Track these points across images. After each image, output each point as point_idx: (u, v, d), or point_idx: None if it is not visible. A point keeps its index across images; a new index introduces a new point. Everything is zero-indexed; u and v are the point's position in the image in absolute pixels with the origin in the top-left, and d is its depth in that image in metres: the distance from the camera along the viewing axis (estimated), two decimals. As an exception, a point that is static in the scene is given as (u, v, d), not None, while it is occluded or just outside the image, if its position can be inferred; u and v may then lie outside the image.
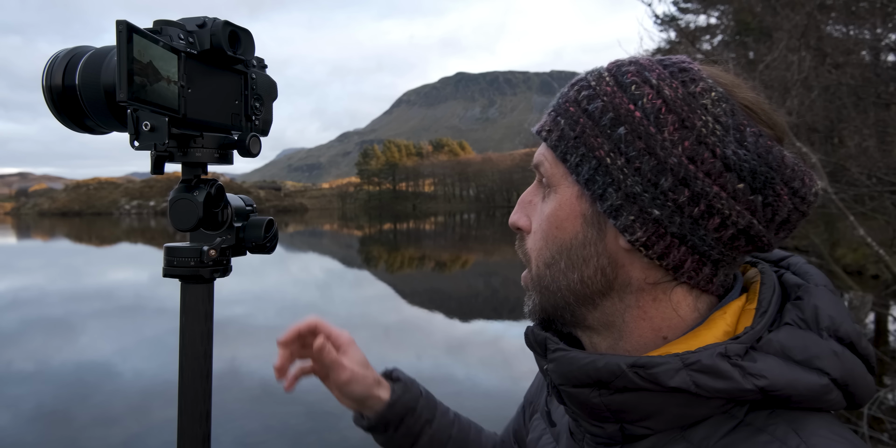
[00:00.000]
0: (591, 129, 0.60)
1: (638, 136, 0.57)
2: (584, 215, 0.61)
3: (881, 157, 6.91)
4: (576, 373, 0.59)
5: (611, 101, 0.59)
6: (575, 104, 0.62)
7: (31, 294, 15.98)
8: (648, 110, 0.58)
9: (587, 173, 0.60)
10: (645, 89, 0.59)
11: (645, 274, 0.61)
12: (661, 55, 0.69)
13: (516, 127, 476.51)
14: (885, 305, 7.47)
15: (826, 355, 0.55)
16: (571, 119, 0.61)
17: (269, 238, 0.79)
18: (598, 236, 0.61)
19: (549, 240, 0.64)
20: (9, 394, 7.47)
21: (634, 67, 0.61)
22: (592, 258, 0.61)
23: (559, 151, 0.62)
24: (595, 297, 0.63)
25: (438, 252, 31.03)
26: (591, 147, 0.59)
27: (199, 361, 0.73)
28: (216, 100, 0.72)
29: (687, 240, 0.58)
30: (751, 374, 0.53)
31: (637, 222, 0.58)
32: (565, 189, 0.63)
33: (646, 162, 0.57)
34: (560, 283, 0.64)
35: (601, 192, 0.59)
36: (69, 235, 47.99)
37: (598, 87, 0.61)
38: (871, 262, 12.40)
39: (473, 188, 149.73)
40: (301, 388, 0.97)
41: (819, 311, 0.57)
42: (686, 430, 0.57)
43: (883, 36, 8.94)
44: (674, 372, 0.54)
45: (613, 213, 0.59)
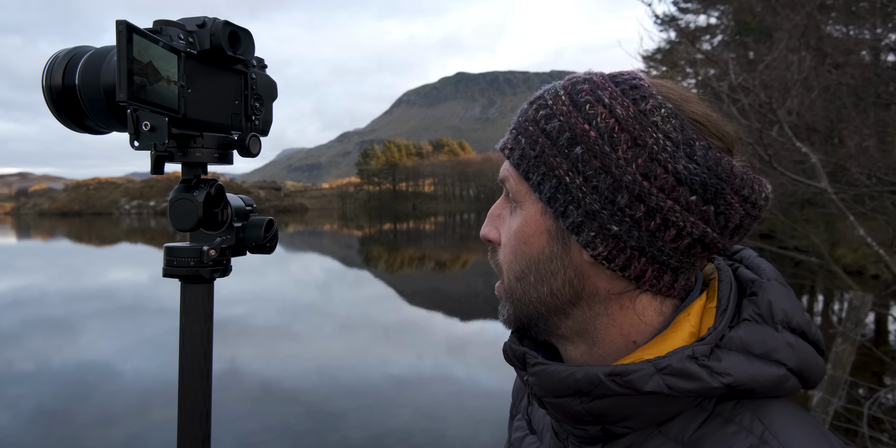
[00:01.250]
0: (550, 149, 0.62)
1: (594, 156, 0.60)
2: (549, 231, 0.65)
3: (881, 157, 6.91)
4: (556, 385, 0.62)
5: (567, 121, 0.62)
6: (534, 123, 0.65)
7: (32, 294, 15.98)
8: (602, 130, 0.60)
9: (549, 191, 0.63)
10: (598, 108, 0.61)
11: (610, 284, 0.64)
12: (662, 54, 0.69)
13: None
14: (885, 305, 7.47)
15: (782, 347, 0.59)
16: (531, 138, 0.64)
17: (269, 238, 0.79)
18: (564, 250, 0.64)
19: (517, 254, 0.67)
20: (9, 394, 7.47)
21: (588, 86, 0.64)
22: (560, 271, 0.65)
23: (521, 169, 0.65)
24: (565, 307, 0.66)
25: (438, 252, 31.03)
26: (551, 166, 0.62)
27: (199, 361, 0.73)
28: (216, 100, 0.72)
29: (646, 251, 0.61)
30: (717, 373, 0.57)
31: (598, 238, 0.61)
32: (530, 205, 0.65)
33: (602, 180, 0.60)
34: (531, 296, 0.67)
35: (563, 209, 0.62)
36: (69, 235, 47.98)
37: (555, 107, 0.64)
38: (871, 262, 12.39)
39: (473, 188, 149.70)
40: (301, 388, 0.97)
41: (773, 306, 0.62)
42: (662, 426, 0.61)
43: (883, 36, 8.94)
44: (648, 377, 0.58)
45: (575, 229, 0.62)
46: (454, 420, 6.44)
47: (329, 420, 6.36)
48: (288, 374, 8.12)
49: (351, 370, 8.35)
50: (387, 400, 7.02)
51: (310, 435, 6.00)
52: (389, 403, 6.90)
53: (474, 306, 14.51)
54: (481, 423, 6.23)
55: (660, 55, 20.37)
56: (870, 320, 9.37)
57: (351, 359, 9.12)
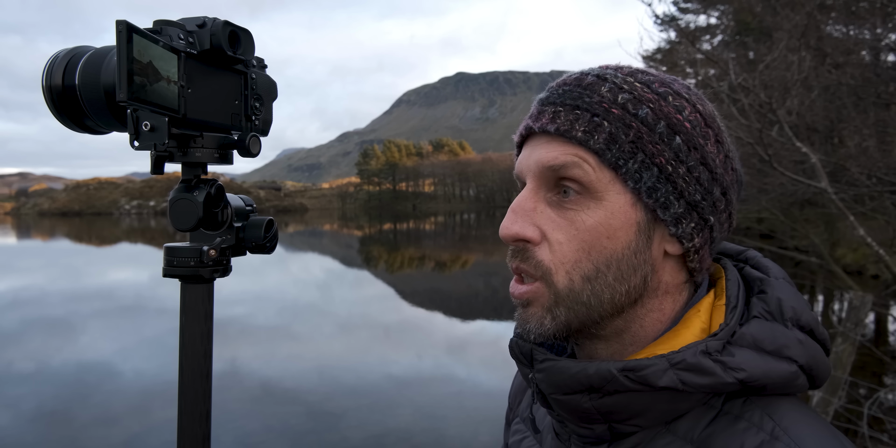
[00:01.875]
0: (649, 136, 0.58)
1: (693, 147, 0.59)
2: (639, 223, 0.60)
3: (881, 157, 6.91)
4: (567, 381, 0.60)
5: (659, 109, 0.59)
6: (618, 107, 0.59)
7: (32, 294, 15.98)
8: (693, 122, 0.60)
9: (649, 180, 0.59)
10: (682, 102, 0.60)
11: (673, 277, 0.63)
12: (662, 54, 0.70)
13: (516, 127, 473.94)
14: (885, 305, 7.47)
15: (793, 344, 0.59)
16: (621, 122, 0.59)
17: (269, 238, 0.79)
18: (647, 244, 0.61)
19: (593, 251, 0.60)
20: (9, 394, 7.47)
21: (653, 77, 0.62)
22: (640, 267, 0.61)
23: (609, 156, 0.58)
24: (626, 306, 0.62)
25: (438, 252, 31.04)
26: (651, 154, 0.58)
27: (199, 361, 0.73)
28: (216, 100, 0.72)
29: (715, 243, 0.63)
30: (731, 368, 0.56)
31: (696, 229, 0.61)
32: (615, 196, 0.59)
33: (702, 172, 0.60)
34: (603, 297, 0.61)
35: (664, 199, 0.59)
36: (69, 235, 47.99)
37: (636, 92, 0.60)
38: (871, 262, 12.40)
39: (473, 188, 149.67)
40: (302, 388, 0.97)
41: (782, 303, 0.61)
42: (670, 424, 0.60)
43: (883, 36, 8.94)
44: (662, 372, 0.56)
45: (675, 220, 0.60)
46: (454, 420, 6.44)
47: (329, 420, 6.36)
48: (288, 374, 8.12)
49: (351, 370, 8.35)
50: (387, 400, 7.02)
51: (310, 435, 6.00)
52: (389, 403, 6.90)
53: (474, 306, 14.51)
54: (481, 423, 6.23)
55: (660, 55, 20.35)
56: (870, 320, 9.37)
57: (351, 359, 9.12)
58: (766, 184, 7.29)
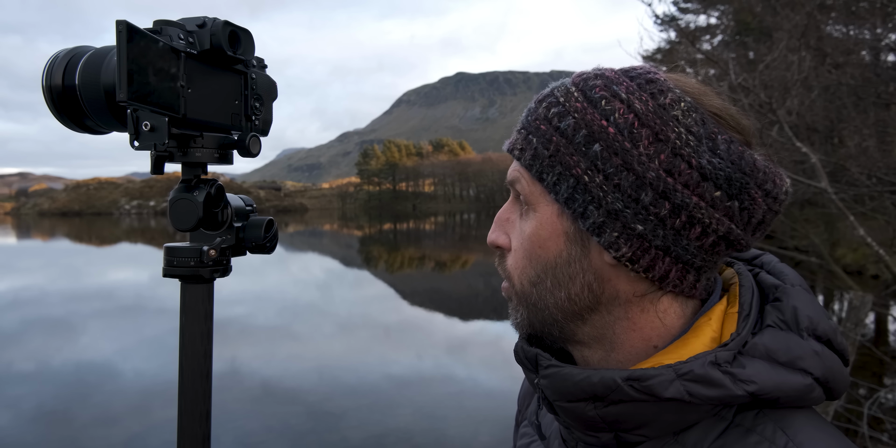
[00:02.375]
0: (566, 147, 0.60)
1: (614, 153, 0.57)
2: (567, 233, 0.61)
3: (881, 157, 6.91)
4: (570, 388, 0.60)
5: (582, 118, 0.59)
6: (546, 122, 0.62)
7: (32, 294, 15.98)
8: (621, 125, 0.58)
9: (566, 192, 0.60)
10: (615, 104, 0.59)
11: (632, 286, 0.62)
12: (662, 54, 0.70)
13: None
14: (885, 305, 7.47)
15: (808, 355, 0.57)
16: (544, 137, 0.61)
17: (269, 238, 0.79)
18: (583, 253, 0.61)
19: (532, 259, 0.64)
20: (9, 394, 7.47)
21: (601, 81, 0.61)
22: (578, 275, 0.62)
23: (534, 170, 0.62)
24: (583, 312, 0.63)
25: (438, 252, 31.03)
26: (567, 165, 0.59)
27: (199, 361, 0.73)
28: (216, 100, 0.72)
29: (671, 251, 0.58)
30: (741, 381, 0.55)
31: (621, 238, 0.58)
32: (544, 207, 0.62)
33: (624, 178, 0.57)
34: (547, 301, 0.64)
35: (582, 210, 0.59)
36: (69, 235, 48.00)
37: (568, 104, 0.61)
38: (871, 262, 12.40)
39: (473, 188, 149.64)
40: (302, 388, 0.97)
41: (798, 312, 0.59)
42: (678, 435, 0.58)
43: (883, 36, 8.94)
44: (668, 383, 0.55)
45: (596, 230, 0.59)
46: (454, 420, 6.44)
47: (329, 420, 6.36)
48: (288, 374, 8.12)
49: (351, 370, 8.35)
50: (387, 400, 7.02)
51: (310, 435, 6.00)
52: (390, 403, 6.90)
53: (474, 306, 14.51)
54: (482, 423, 6.23)
55: (660, 55, 20.35)
56: (870, 320, 9.37)
57: (351, 359, 9.12)
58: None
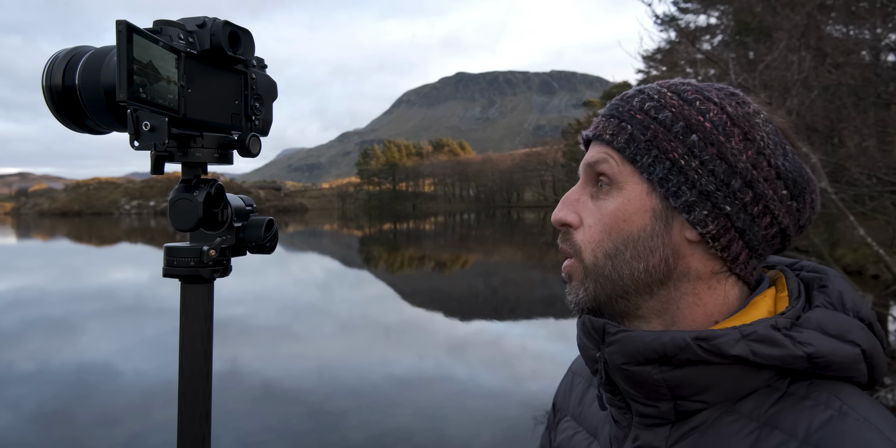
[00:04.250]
0: (664, 134, 0.67)
1: (710, 143, 0.66)
2: (654, 210, 0.68)
3: (881, 157, 6.91)
4: (641, 350, 0.64)
5: (680, 112, 0.67)
6: (641, 112, 0.69)
7: (32, 294, 15.98)
8: (716, 122, 0.66)
9: (661, 172, 0.67)
10: (709, 105, 0.67)
11: (703, 264, 0.68)
12: (662, 54, 0.74)
13: (516, 127, 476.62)
14: (885, 305, 7.46)
15: (856, 329, 0.63)
16: (641, 125, 0.68)
17: (269, 238, 0.79)
18: (665, 229, 0.68)
19: (612, 232, 0.69)
20: (10, 394, 7.47)
21: (691, 87, 0.70)
22: (658, 249, 0.68)
23: (628, 152, 0.68)
24: (654, 285, 0.69)
25: (438, 252, 31.03)
26: (665, 150, 0.67)
27: (198, 361, 0.73)
28: (216, 100, 0.72)
29: (745, 235, 0.66)
30: (800, 342, 0.60)
31: (709, 217, 0.66)
32: (633, 186, 0.69)
33: (718, 165, 0.65)
34: (622, 272, 0.69)
35: (675, 189, 0.66)
36: (69, 235, 48.00)
37: (664, 100, 0.69)
38: (871, 262, 12.39)
39: (473, 188, 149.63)
40: (302, 388, 0.97)
41: (844, 295, 0.66)
42: (736, 404, 0.63)
43: (883, 36, 8.94)
44: (734, 342, 0.60)
45: (687, 208, 0.66)
46: (455, 420, 6.44)
47: (330, 420, 6.36)
48: (288, 375, 8.12)
49: (351, 370, 8.35)
50: (387, 400, 7.02)
51: (310, 435, 6.00)
52: (390, 403, 6.89)
53: (474, 306, 14.51)
54: (482, 423, 6.23)
55: (660, 55, 20.35)
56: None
57: (351, 359, 9.12)
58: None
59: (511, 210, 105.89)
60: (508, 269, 22.85)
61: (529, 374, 8.21)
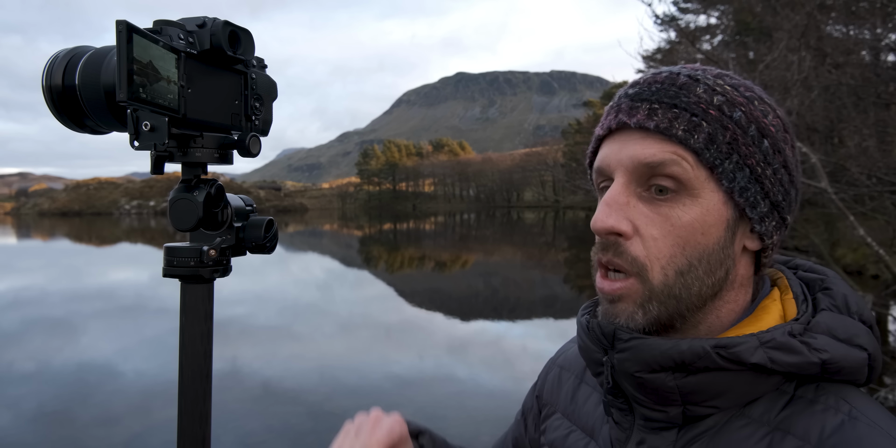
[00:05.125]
0: (743, 138, 0.61)
1: (778, 150, 0.63)
2: (728, 221, 0.63)
3: (881, 157, 6.91)
4: (657, 358, 0.61)
5: (750, 112, 0.62)
6: (715, 108, 0.61)
7: (32, 294, 15.98)
8: (777, 127, 0.63)
9: (742, 181, 0.61)
10: (766, 106, 0.64)
11: (746, 271, 0.67)
12: (662, 54, 0.72)
13: (516, 127, 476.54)
14: (885, 305, 7.47)
15: (863, 333, 0.62)
16: (719, 124, 0.61)
17: (269, 238, 0.79)
18: (731, 240, 0.64)
19: (687, 246, 0.62)
20: (10, 394, 7.47)
21: (737, 81, 0.65)
22: (725, 261, 0.64)
23: (707, 155, 0.60)
24: (709, 299, 0.65)
25: (438, 252, 31.03)
26: (745, 155, 0.61)
27: (199, 361, 0.73)
28: (216, 100, 0.72)
29: (782, 241, 0.67)
30: (815, 349, 0.60)
31: (776, 228, 0.65)
32: (710, 194, 0.61)
33: (783, 174, 0.63)
34: (692, 290, 0.63)
35: (754, 199, 0.62)
36: (69, 235, 47.99)
37: (728, 95, 0.62)
38: (871, 262, 12.39)
39: (473, 188, 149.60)
40: (302, 388, 0.97)
41: (848, 298, 0.65)
42: (744, 407, 0.62)
43: (883, 36, 8.94)
44: (753, 350, 0.59)
45: (760, 219, 0.63)
46: (455, 420, 6.44)
47: (330, 420, 6.36)
48: (289, 374, 8.12)
49: (352, 370, 8.35)
50: (388, 400, 7.02)
51: (310, 435, 6.00)
52: (390, 403, 6.89)
53: (474, 306, 14.50)
54: (482, 423, 6.23)
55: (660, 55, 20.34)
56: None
57: (352, 359, 9.12)
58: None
59: (511, 210, 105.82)
60: (508, 269, 22.85)
61: (530, 374, 8.20)
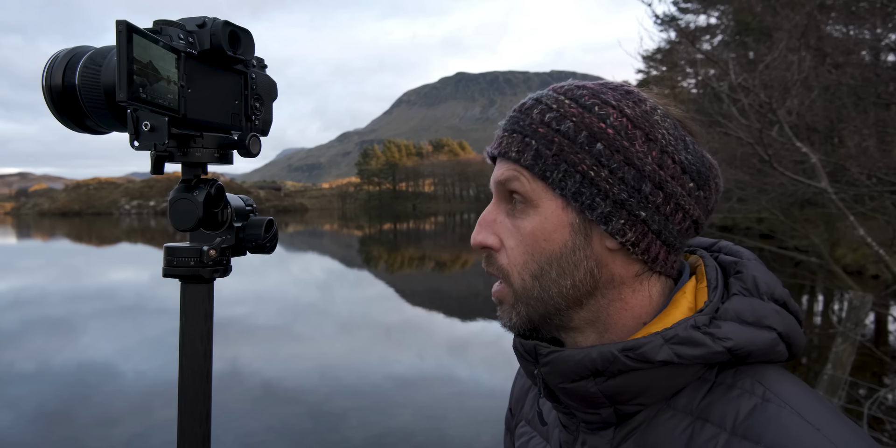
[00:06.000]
0: (569, 147, 0.66)
1: (616, 150, 0.65)
2: (572, 224, 0.67)
3: (881, 157, 6.90)
4: (573, 368, 0.65)
5: (581, 121, 0.66)
6: (543, 125, 0.67)
7: (32, 294, 15.98)
8: (618, 127, 0.65)
9: (573, 186, 0.65)
10: (608, 109, 0.66)
11: (626, 269, 0.68)
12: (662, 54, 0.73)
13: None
14: (885, 305, 7.47)
15: (770, 314, 0.65)
16: (545, 139, 0.66)
17: (269, 238, 0.79)
18: (586, 241, 0.67)
19: (535, 252, 0.68)
20: (10, 394, 7.47)
21: (587, 91, 0.68)
22: (582, 262, 0.67)
23: (537, 169, 0.67)
24: (583, 298, 0.69)
25: (438, 252, 31.02)
26: (573, 163, 0.65)
27: (198, 361, 0.73)
28: (216, 100, 0.72)
29: (662, 234, 0.67)
30: (719, 338, 0.62)
31: (626, 225, 0.65)
32: (548, 202, 0.67)
33: (627, 171, 0.65)
34: (551, 292, 0.68)
35: (590, 202, 0.65)
36: (69, 235, 47.98)
37: (563, 109, 0.67)
38: (871, 262, 12.39)
39: (473, 188, 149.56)
40: (303, 388, 0.97)
41: (758, 280, 0.67)
42: (670, 400, 0.65)
43: (883, 36, 8.94)
44: (658, 348, 0.62)
45: (604, 219, 0.65)
46: (455, 420, 6.44)
47: (330, 420, 6.36)
48: (289, 375, 8.12)
49: (352, 370, 8.35)
50: (388, 400, 7.02)
51: (310, 435, 6.00)
52: (391, 403, 6.89)
53: (474, 306, 14.50)
54: (483, 423, 6.23)
55: (660, 55, 20.33)
56: (870, 320, 9.36)
57: (352, 359, 9.12)
58: (766, 184, 7.29)
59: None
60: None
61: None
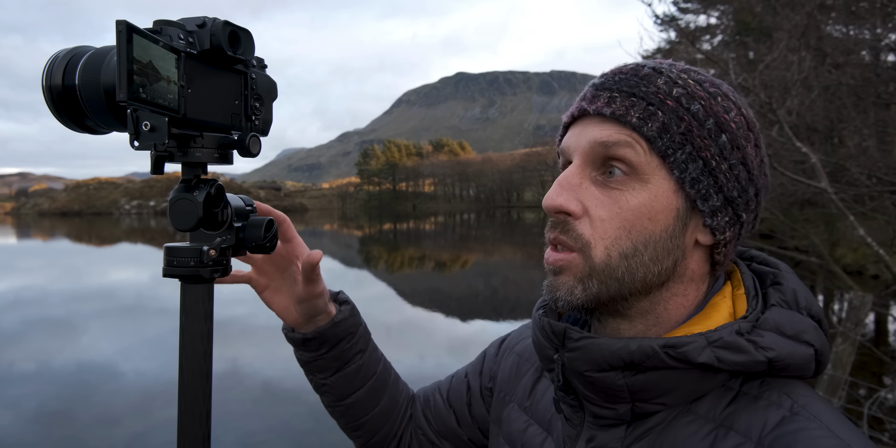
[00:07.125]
0: (698, 130, 0.62)
1: (736, 147, 0.62)
2: (678, 210, 0.63)
3: (881, 157, 6.91)
4: (607, 357, 0.62)
5: (709, 107, 0.62)
6: (672, 99, 0.62)
7: (32, 294, 15.98)
8: (738, 124, 0.63)
9: (694, 172, 0.62)
10: (729, 103, 0.64)
11: (699, 266, 0.67)
12: (662, 54, 0.72)
13: (516, 127, 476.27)
14: (885, 305, 7.47)
15: (809, 329, 0.62)
16: (674, 114, 0.62)
17: (268, 238, 0.79)
18: (682, 230, 0.64)
19: (633, 230, 0.62)
20: (10, 394, 7.47)
21: (704, 77, 0.65)
22: (674, 251, 0.64)
23: (660, 143, 0.61)
24: (654, 287, 0.65)
25: (438, 252, 31.02)
26: (699, 147, 0.61)
27: (198, 361, 0.73)
28: (216, 100, 0.72)
29: (740, 239, 0.67)
30: (762, 348, 0.60)
31: (728, 223, 0.64)
32: (660, 181, 0.62)
33: (741, 171, 0.63)
34: (635, 275, 0.63)
35: (705, 192, 0.62)
36: (69, 235, 47.97)
37: (689, 89, 0.63)
38: (871, 262, 12.39)
39: (473, 188, 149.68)
40: (303, 388, 0.97)
41: (798, 294, 0.65)
42: (691, 404, 0.63)
43: (883, 36, 8.94)
44: (701, 349, 0.59)
45: (711, 212, 0.63)
46: (454, 420, 6.44)
47: (330, 420, 6.29)
48: (289, 375, 8.12)
49: (351, 370, 8.34)
50: (387, 400, 7.02)
51: (311, 435, 6.01)
52: (390, 403, 6.89)
53: (474, 306, 14.51)
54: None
55: (660, 55, 20.32)
56: (870, 320, 9.37)
57: (351, 359, 9.11)
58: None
59: (511, 210, 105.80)
60: (508, 269, 22.85)
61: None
